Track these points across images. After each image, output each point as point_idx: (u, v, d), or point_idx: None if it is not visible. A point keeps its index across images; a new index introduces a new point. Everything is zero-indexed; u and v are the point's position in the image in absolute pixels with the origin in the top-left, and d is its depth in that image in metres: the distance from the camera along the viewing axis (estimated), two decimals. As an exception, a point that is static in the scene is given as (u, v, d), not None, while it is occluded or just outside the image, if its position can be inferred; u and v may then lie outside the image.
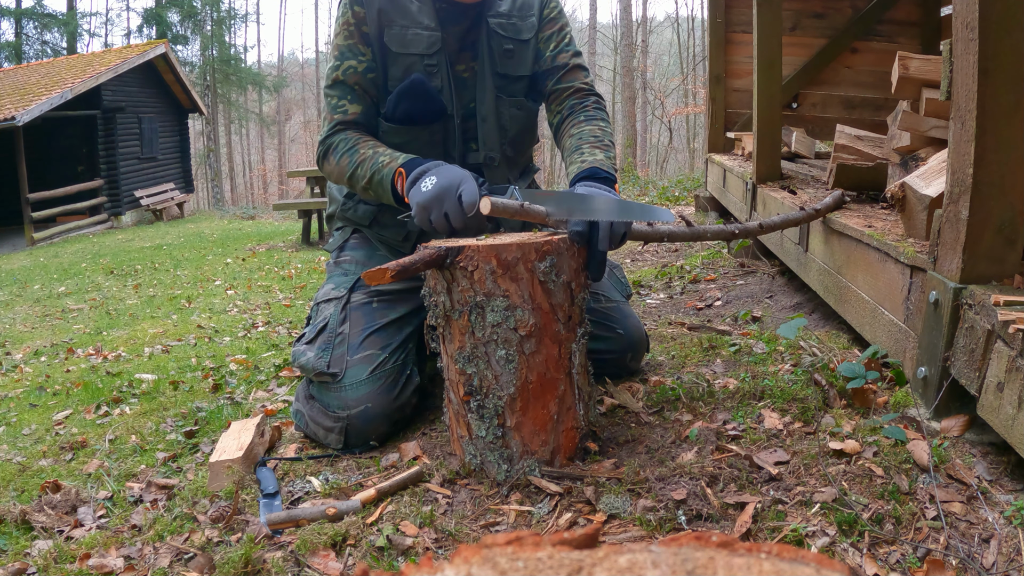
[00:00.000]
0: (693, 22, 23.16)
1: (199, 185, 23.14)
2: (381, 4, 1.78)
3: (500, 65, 1.87)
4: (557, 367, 1.44)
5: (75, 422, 2.30)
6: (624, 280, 2.24)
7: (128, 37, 24.21)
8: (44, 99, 11.38)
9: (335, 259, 2.01)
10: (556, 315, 1.42)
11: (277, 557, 1.28)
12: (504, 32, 1.87)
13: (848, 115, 4.42)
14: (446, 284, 1.41)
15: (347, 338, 1.78)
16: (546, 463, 1.46)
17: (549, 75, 1.93)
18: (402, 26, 1.78)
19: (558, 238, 1.43)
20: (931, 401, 1.43)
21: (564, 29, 1.97)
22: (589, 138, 1.80)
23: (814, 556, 0.35)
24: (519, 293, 1.38)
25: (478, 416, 1.45)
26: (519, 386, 1.41)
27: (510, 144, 1.93)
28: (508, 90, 1.89)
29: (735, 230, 1.86)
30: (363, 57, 1.79)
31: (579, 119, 1.87)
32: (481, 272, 1.37)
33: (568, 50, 1.95)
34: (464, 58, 1.86)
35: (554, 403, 1.45)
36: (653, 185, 9.68)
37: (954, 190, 1.38)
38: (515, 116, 1.92)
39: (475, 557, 0.35)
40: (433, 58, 1.80)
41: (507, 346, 1.39)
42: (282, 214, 12.75)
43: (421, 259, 1.34)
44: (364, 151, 1.74)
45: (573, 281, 1.44)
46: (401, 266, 1.31)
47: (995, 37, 1.27)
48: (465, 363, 1.43)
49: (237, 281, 5.61)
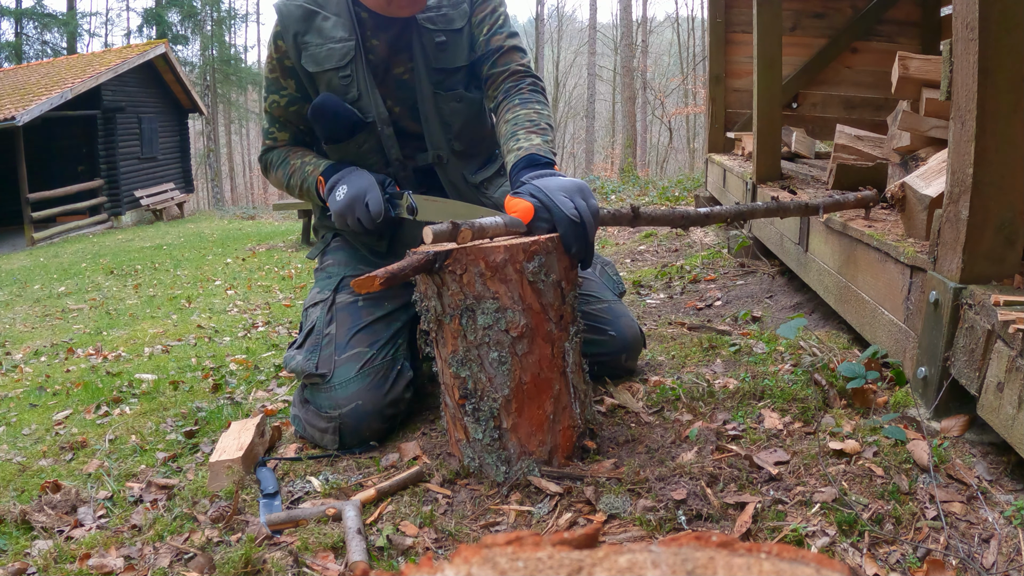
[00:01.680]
0: (693, 22, 23.16)
1: (199, 185, 23.13)
2: (296, 28, 1.81)
3: (434, 60, 1.84)
4: (551, 367, 1.44)
5: (75, 422, 2.30)
6: (616, 278, 2.23)
7: (128, 37, 24.22)
8: (44, 99, 11.38)
9: (319, 264, 2.03)
10: (547, 314, 1.41)
11: (277, 557, 1.28)
12: (434, 25, 1.84)
13: (848, 115, 4.42)
14: (436, 289, 1.41)
15: (334, 338, 1.78)
16: (544, 463, 1.45)
17: (484, 59, 1.88)
18: (316, 45, 1.81)
19: (545, 237, 1.41)
20: (931, 401, 1.43)
21: (497, 11, 1.90)
22: (524, 123, 1.73)
23: (814, 556, 0.35)
24: (509, 294, 1.37)
25: (474, 419, 1.45)
26: (513, 387, 1.41)
27: (457, 139, 1.91)
28: (445, 84, 1.87)
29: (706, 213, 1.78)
30: (284, 91, 1.90)
31: (514, 103, 1.81)
32: (470, 275, 1.36)
33: (502, 31, 1.88)
34: (400, 60, 1.85)
35: (549, 403, 1.44)
36: (653, 185, 9.67)
37: (954, 190, 1.38)
38: (456, 110, 1.89)
39: (475, 557, 0.35)
40: (346, 69, 1.81)
41: (499, 348, 1.39)
42: (282, 214, 12.75)
43: (410, 265, 1.34)
44: (294, 162, 1.90)
45: (563, 280, 1.43)
46: (390, 273, 1.30)
47: (995, 37, 1.27)
48: (459, 367, 1.43)
49: (237, 281, 5.61)
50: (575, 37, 33.27)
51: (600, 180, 11.99)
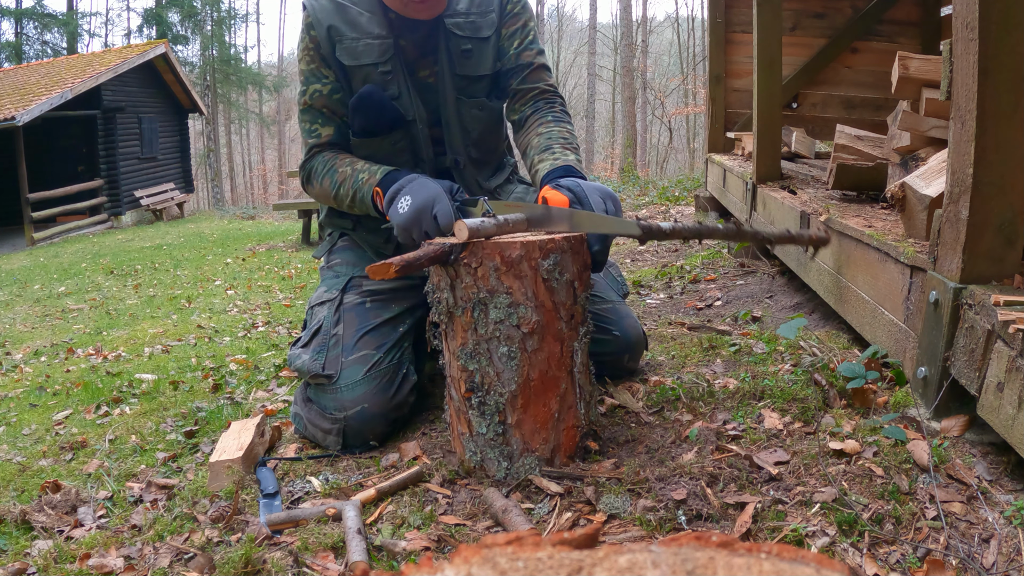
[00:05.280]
0: (693, 22, 23.15)
1: (199, 185, 23.14)
2: (330, 22, 1.78)
3: (459, 67, 1.84)
4: (559, 365, 1.44)
5: (75, 422, 2.30)
6: (620, 279, 2.23)
7: (128, 37, 24.23)
8: (44, 99, 11.39)
9: (326, 262, 2.02)
10: (559, 313, 1.42)
11: (277, 557, 1.28)
12: (461, 32, 1.83)
13: (848, 115, 4.42)
14: (450, 280, 1.41)
15: (341, 339, 1.78)
16: (546, 461, 1.46)
17: (513, 74, 1.90)
18: (352, 39, 1.78)
19: (562, 236, 1.43)
20: (931, 401, 1.43)
21: (528, 25, 1.91)
22: (559, 139, 1.78)
23: (814, 556, 0.35)
24: (522, 290, 1.38)
25: (479, 413, 1.45)
26: (520, 383, 1.41)
27: (474, 146, 1.91)
28: (469, 91, 1.87)
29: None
30: (327, 80, 1.81)
31: (547, 119, 1.85)
32: (485, 269, 1.37)
33: (532, 48, 1.91)
34: (426, 63, 1.85)
35: (555, 401, 1.45)
36: (653, 185, 9.67)
37: (954, 190, 1.38)
38: (476, 117, 1.89)
39: (475, 557, 0.35)
40: (387, 65, 1.79)
41: (509, 343, 1.40)
42: (282, 214, 12.75)
43: (425, 255, 1.34)
44: (343, 169, 1.78)
45: (576, 280, 1.44)
46: (405, 261, 1.31)
47: (995, 37, 1.27)
48: (467, 359, 1.44)
49: (237, 281, 5.61)
50: (575, 37, 33.28)
51: (600, 180, 11.99)
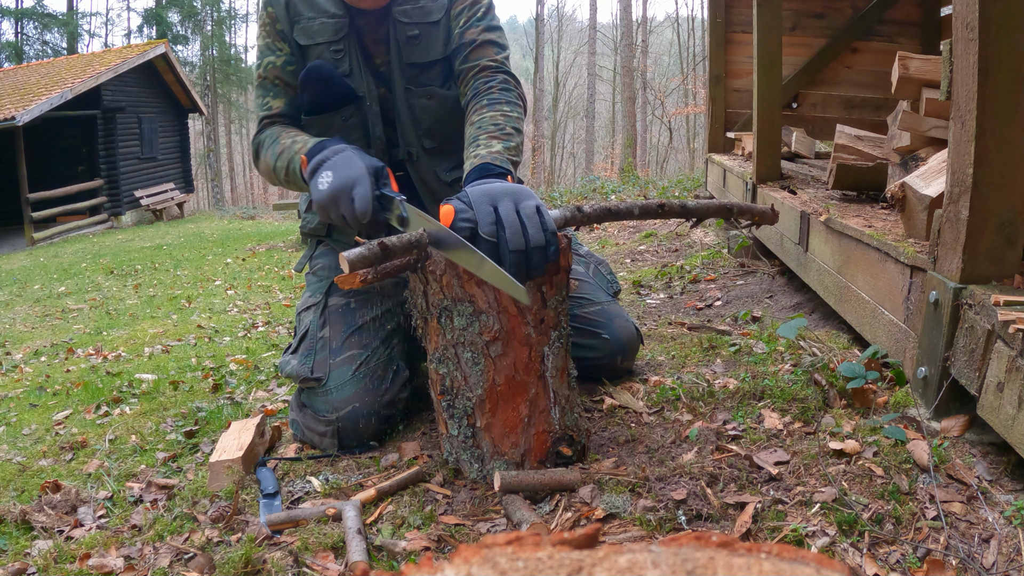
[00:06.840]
0: (693, 22, 23.15)
1: (199, 185, 23.14)
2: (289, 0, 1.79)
3: (406, 55, 1.81)
4: (527, 370, 1.42)
5: (75, 422, 2.30)
6: (610, 277, 2.20)
7: (128, 37, 24.24)
8: (44, 99, 11.39)
9: (310, 268, 2.01)
10: (524, 318, 1.39)
11: (277, 557, 1.28)
12: (408, 18, 1.80)
13: (848, 115, 4.42)
14: (422, 286, 1.43)
15: (328, 341, 1.77)
16: (516, 465, 1.45)
17: (457, 53, 1.81)
18: (309, 18, 1.78)
19: None
20: (931, 401, 1.43)
21: (478, 3, 1.82)
22: (488, 127, 1.63)
23: (814, 556, 0.35)
24: (484, 298, 1.37)
25: (449, 415, 1.47)
26: (487, 388, 1.41)
27: (427, 136, 1.86)
28: (418, 80, 1.83)
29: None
30: (280, 52, 1.81)
31: (481, 103, 1.71)
32: (448, 277, 1.37)
33: (478, 24, 1.80)
34: (379, 51, 1.84)
35: (524, 406, 1.43)
36: (653, 185, 9.66)
37: (954, 190, 1.38)
38: (426, 107, 1.84)
39: (475, 557, 0.35)
40: (340, 43, 1.78)
41: (473, 349, 1.40)
42: (282, 214, 12.74)
43: (392, 265, 1.34)
44: (284, 141, 1.69)
45: (544, 284, 1.41)
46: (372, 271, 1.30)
47: (995, 37, 1.27)
48: (438, 363, 1.46)
49: (237, 281, 5.61)
50: (575, 37, 33.27)
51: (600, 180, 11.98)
